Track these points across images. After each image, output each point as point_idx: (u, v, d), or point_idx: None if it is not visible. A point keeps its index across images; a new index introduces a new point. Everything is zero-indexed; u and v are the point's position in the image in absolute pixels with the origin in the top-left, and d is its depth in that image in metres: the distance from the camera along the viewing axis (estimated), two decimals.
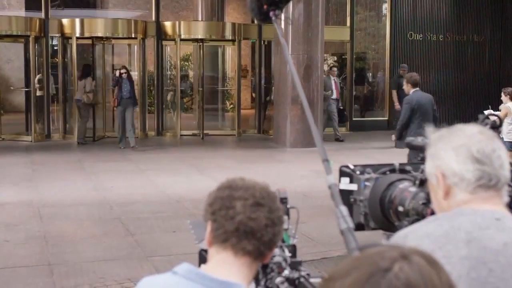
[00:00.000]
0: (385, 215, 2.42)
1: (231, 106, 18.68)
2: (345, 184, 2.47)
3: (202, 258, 2.54)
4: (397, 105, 15.84)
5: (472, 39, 20.12)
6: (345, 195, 2.45)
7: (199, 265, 2.49)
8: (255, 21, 19.68)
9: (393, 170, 2.48)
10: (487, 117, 2.32)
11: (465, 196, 1.80)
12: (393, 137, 9.89)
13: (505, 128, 10.70)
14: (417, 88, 9.52)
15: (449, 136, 1.85)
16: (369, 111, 20.34)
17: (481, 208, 1.78)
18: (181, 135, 16.93)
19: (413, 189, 2.34)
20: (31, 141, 15.82)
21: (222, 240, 1.78)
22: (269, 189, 1.87)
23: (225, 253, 1.78)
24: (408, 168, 2.47)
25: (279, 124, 15.94)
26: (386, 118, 19.22)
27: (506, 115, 10.81)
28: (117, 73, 14.81)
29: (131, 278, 6.34)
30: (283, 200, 2.13)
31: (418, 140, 2.39)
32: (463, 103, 19.79)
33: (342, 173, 2.50)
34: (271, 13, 2.73)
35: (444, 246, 1.72)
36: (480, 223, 1.74)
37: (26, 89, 16.92)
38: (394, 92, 16.44)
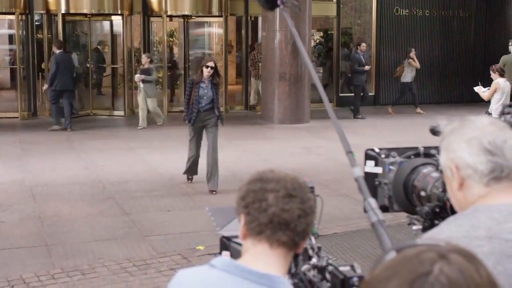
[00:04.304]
0: (408, 198, 2.46)
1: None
2: (370, 167, 2.51)
3: (224, 245, 2.55)
4: None
5: (457, 14, 20.16)
6: (370, 178, 2.50)
7: (220, 252, 2.50)
8: None
9: (417, 154, 2.52)
10: (509, 105, 2.34)
11: (480, 190, 1.82)
12: (45, 86, 14.35)
13: (493, 104, 10.77)
14: (61, 50, 14.01)
15: (461, 128, 1.87)
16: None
17: (496, 202, 1.80)
18: (168, 111, 16.86)
19: (435, 174, 2.36)
20: (18, 119, 15.68)
21: (257, 232, 1.79)
22: (299, 180, 1.88)
23: (260, 245, 1.79)
24: (433, 152, 2.50)
25: (266, 101, 15.92)
26: (373, 94, 19.24)
27: (495, 91, 10.88)
28: (205, 72, 8.94)
29: (129, 258, 6.36)
30: (311, 190, 2.13)
31: (441, 127, 2.40)
32: (449, 78, 19.88)
33: (368, 156, 2.54)
34: (278, 1, 2.69)
35: (467, 246, 1.74)
36: (498, 218, 1.77)
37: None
38: None
